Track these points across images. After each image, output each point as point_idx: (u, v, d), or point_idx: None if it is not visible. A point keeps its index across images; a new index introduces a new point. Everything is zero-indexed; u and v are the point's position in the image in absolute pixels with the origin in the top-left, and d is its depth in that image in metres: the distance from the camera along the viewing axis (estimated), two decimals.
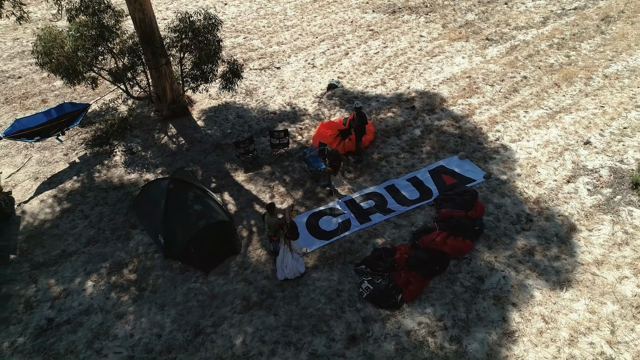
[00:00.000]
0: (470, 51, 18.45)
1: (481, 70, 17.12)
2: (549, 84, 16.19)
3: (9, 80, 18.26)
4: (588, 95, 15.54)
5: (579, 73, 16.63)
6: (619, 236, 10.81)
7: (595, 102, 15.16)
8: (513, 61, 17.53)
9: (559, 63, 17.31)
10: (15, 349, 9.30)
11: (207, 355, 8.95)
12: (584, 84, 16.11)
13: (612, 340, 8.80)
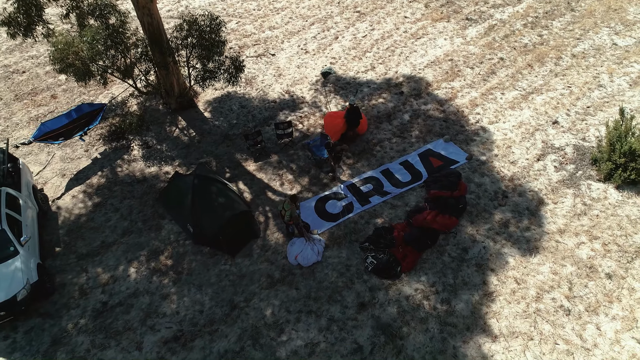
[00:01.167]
0: (452, 32, 19.77)
1: (462, 53, 18.56)
2: (523, 65, 17.81)
3: (14, 75, 18.96)
4: (557, 75, 17.24)
5: (550, 53, 18.24)
6: (579, 207, 12.88)
7: (564, 82, 16.90)
8: (491, 42, 18.99)
9: (532, 43, 18.85)
10: (79, 329, 11.05)
11: (244, 326, 10.86)
12: (554, 64, 17.77)
13: (570, 295, 11.01)
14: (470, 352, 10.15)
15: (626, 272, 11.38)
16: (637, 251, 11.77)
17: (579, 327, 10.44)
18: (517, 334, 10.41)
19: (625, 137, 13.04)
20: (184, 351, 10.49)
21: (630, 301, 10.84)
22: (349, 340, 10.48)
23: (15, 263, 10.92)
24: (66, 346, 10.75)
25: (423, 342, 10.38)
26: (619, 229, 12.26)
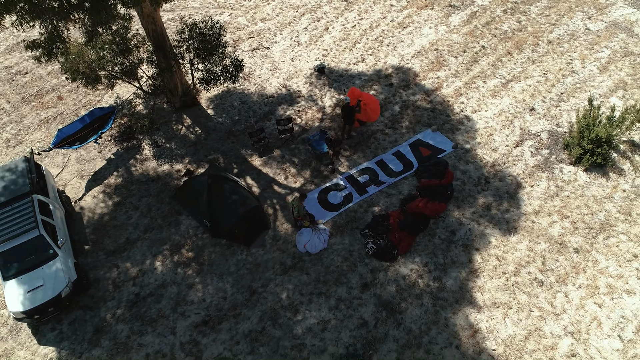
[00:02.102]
0: (436, 20, 20.79)
1: (446, 42, 19.68)
2: (503, 53, 19.06)
3: (17, 77, 19.57)
4: (534, 62, 18.57)
5: (528, 39, 19.49)
6: (552, 189, 14.55)
7: (540, 69, 18.26)
8: (473, 30, 20.11)
9: (511, 30, 20.03)
10: (117, 318, 12.52)
11: (264, 308, 12.45)
12: (531, 50, 19.05)
13: (543, 268, 12.79)
14: (459, 322, 11.94)
15: (591, 247, 13.17)
16: (600, 227, 13.54)
17: (550, 296, 12.27)
18: (498, 304, 12.21)
19: (592, 125, 14.59)
20: (213, 333, 12.08)
21: (593, 272, 12.67)
22: (356, 317, 12.17)
23: (56, 264, 12.24)
24: (108, 334, 12.25)
25: (419, 315, 12.12)
26: (586, 208, 13.99)
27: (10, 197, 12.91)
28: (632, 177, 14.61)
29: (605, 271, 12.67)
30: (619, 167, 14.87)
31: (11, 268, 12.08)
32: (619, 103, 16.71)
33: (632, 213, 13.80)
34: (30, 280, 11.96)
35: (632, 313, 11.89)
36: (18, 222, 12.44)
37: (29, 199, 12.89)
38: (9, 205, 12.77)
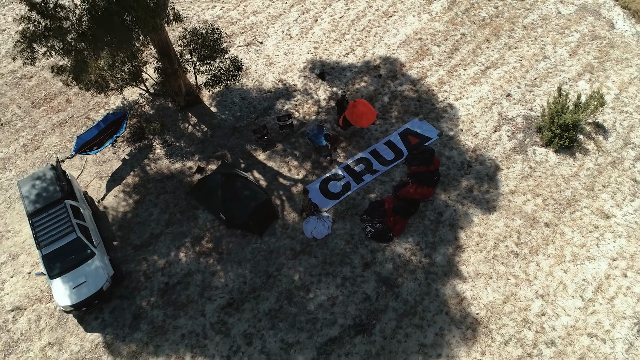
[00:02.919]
0: (419, 8, 21.97)
1: (429, 30, 20.98)
2: (482, 40, 20.49)
3: (22, 81, 20.43)
4: (511, 48, 20.08)
5: (504, 25, 20.90)
6: (526, 170, 16.46)
7: (516, 55, 19.80)
8: (453, 18, 21.40)
9: (489, 16, 21.37)
10: (152, 305, 14.32)
11: (279, 289, 14.36)
12: (508, 36, 20.51)
13: (518, 242, 14.85)
14: (448, 292, 14.02)
15: (559, 221, 15.24)
16: (567, 203, 15.58)
17: (524, 266, 14.39)
18: (480, 275, 14.30)
19: (561, 112, 16.37)
20: (237, 313, 13.99)
21: (561, 243, 14.78)
22: (360, 292, 14.17)
23: (95, 262, 13.87)
24: (145, 319, 14.08)
25: (413, 288, 14.16)
26: (555, 186, 15.97)
27: (44, 204, 14.33)
28: (596, 157, 16.57)
29: (571, 241, 14.79)
30: (585, 148, 16.80)
31: (55, 268, 13.68)
32: (586, 86, 18.47)
33: (594, 189, 15.84)
34: (74, 277, 13.60)
35: (591, 276, 14.09)
36: (56, 227, 13.94)
37: (62, 205, 14.34)
38: (44, 211, 14.22)
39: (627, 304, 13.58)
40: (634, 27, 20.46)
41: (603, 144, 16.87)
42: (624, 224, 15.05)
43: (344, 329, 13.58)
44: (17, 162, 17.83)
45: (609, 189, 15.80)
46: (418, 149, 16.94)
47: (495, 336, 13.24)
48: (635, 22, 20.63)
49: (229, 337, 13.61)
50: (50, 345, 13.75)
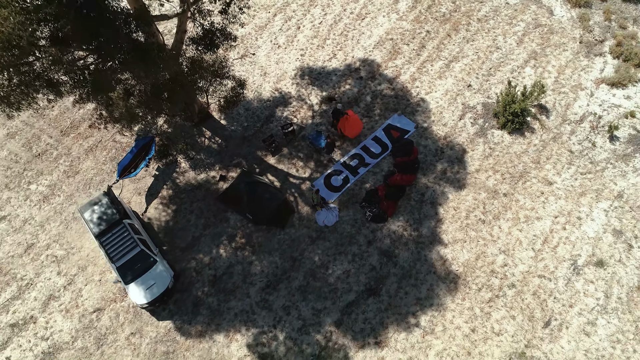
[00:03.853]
0: (387, 8, 24.95)
1: (398, 30, 24.13)
2: (444, 35, 23.83)
3: (46, 111, 22.86)
4: (468, 41, 23.54)
5: (462, 20, 24.22)
6: (487, 151, 20.50)
7: (473, 47, 23.31)
8: (418, 16, 24.54)
9: (448, 11, 24.60)
10: (206, 294, 18.16)
11: (305, 269, 18.36)
12: (465, 30, 23.91)
13: (484, 211, 19.11)
14: (434, 256, 18.32)
15: (514, 190, 19.51)
16: (520, 175, 19.81)
17: (489, 229, 18.75)
18: (457, 240, 18.60)
19: (512, 102, 20.25)
20: (275, 292, 18.01)
21: (516, 208, 19.12)
22: (367, 265, 18.33)
23: (158, 267, 17.49)
24: (203, 305, 17.96)
25: (407, 256, 18.39)
26: (510, 162, 20.14)
27: (107, 226, 17.67)
28: (540, 134, 20.71)
29: (523, 206, 19.16)
30: (532, 127, 20.88)
31: (128, 276, 17.25)
32: (531, 72, 22.31)
33: (540, 161, 20.09)
34: (144, 281, 17.23)
35: (540, 232, 18.59)
36: (122, 244, 17.40)
37: (122, 225, 17.71)
38: (109, 232, 17.59)
39: (565, 250, 18.20)
40: (570, 12, 24.13)
41: (546, 123, 20.98)
42: (562, 187, 19.46)
43: (358, 294, 17.82)
44: (63, 187, 20.79)
45: (551, 160, 20.09)
46: (400, 142, 20.69)
47: (471, 285, 17.74)
48: (571, 7, 24.26)
49: (272, 310, 17.70)
50: (132, 335, 17.59)
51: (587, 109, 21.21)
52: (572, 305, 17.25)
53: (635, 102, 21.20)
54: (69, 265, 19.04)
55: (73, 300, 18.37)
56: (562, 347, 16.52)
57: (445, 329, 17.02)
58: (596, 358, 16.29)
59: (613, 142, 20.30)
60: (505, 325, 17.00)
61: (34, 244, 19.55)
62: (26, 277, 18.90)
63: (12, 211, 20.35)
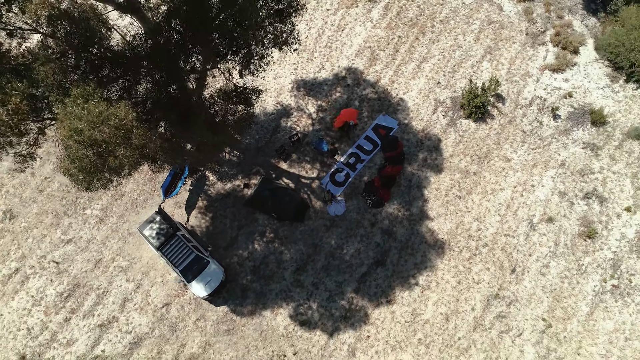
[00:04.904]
0: (363, 17, 28.76)
1: (374, 38, 28.10)
2: (413, 39, 27.96)
3: None
4: (434, 42, 27.76)
5: (427, 23, 28.30)
6: (457, 138, 25.30)
7: (439, 48, 27.57)
8: (389, 23, 28.48)
9: (415, 15, 28.58)
10: (250, 281, 22.97)
11: (325, 252, 23.25)
12: (431, 32, 28.05)
13: (459, 188, 24.14)
14: (424, 229, 23.42)
15: (481, 169, 24.51)
16: (485, 156, 24.76)
17: (464, 203, 23.84)
18: (440, 214, 23.68)
19: (474, 97, 24.87)
20: (304, 273, 22.95)
21: (484, 183, 24.20)
22: (373, 242, 23.34)
23: (212, 266, 22.13)
24: (249, 290, 22.81)
25: (403, 232, 23.44)
26: (476, 146, 25.02)
27: (164, 239, 22.06)
28: (499, 119, 25.55)
29: (489, 181, 24.23)
30: (491, 114, 25.67)
31: (189, 276, 21.85)
32: (488, 65, 26.83)
33: (500, 142, 25.03)
34: (203, 278, 21.88)
35: (503, 200, 23.78)
36: (180, 252, 21.89)
37: (177, 237, 22.14)
38: (167, 244, 22.00)
39: (524, 212, 23.50)
40: (516, 6, 28.44)
41: (502, 109, 25.78)
42: (519, 162, 24.54)
43: (369, 266, 22.91)
44: (113, 208, 24.89)
45: (508, 141, 25.06)
46: (387, 139, 25.27)
47: (455, 249, 23.00)
48: (517, 2, 28.55)
49: (304, 287, 22.71)
50: (198, 320, 22.43)
51: (535, 93, 26.05)
52: (531, 254, 22.74)
53: (572, 84, 26.12)
54: (134, 272, 23.50)
55: (144, 299, 22.98)
56: (525, 287, 22.11)
57: (438, 284, 22.38)
58: (550, 291, 21.96)
59: (556, 120, 25.33)
60: (482, 275, 22.45)
61: (101, 259, 23.86)
62: (101, 286, 23.33)
63: (76, 234, 24.44)
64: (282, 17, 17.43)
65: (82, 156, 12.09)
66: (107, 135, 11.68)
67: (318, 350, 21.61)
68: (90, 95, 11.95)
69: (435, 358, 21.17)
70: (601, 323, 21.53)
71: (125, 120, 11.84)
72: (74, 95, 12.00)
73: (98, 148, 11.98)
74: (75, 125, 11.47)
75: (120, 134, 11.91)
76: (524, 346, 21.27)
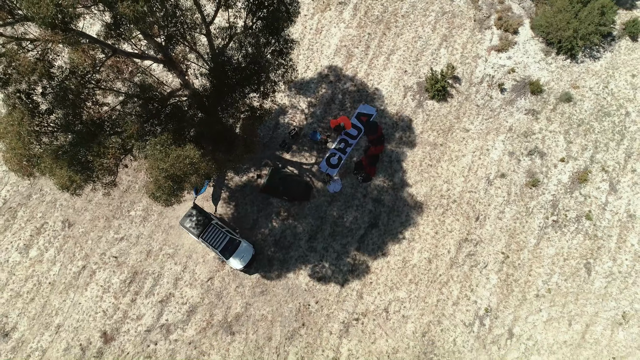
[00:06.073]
0: (336, 19, 33.56)
1: (348, 37, 33.05)
2: (381, 34, 33.00)
3: None
4: (399, 36, 32.87)
5: (391, 19, 33.28)
6: (425, 117, 31.02)
7: (403, 40, 32.72)
8: (359, 22, 33.36)
9: (380, 13, 33.48)
10: (273, 252, 29.02)
11: (329, 222, 29.30)
12: (395, 27, 33.09)
13: (431, 159, 30.13)
14: (405, 195, 29.51)
15: (446, 140, 30.42)
16: (448, 129, 30.61)
17: (435, 170, 29.88)
18: (417, 181, 29.75)
19: (435, 83, 30.39)
20: (315, 240, 29.06)
21: (449, 152, 30.18)
22: (366, 209, 29.43)
23: (243, 244, 28.05)
24: (274, 259, 28.88)
25: (389, 198, 29.53)
26: (441, 122, 30.81)
27: (203, 228, 27.79)
28: (457, 98, 31.24)
29: (453, 150, 30.21)
30: (451, 94, 31.31)
31: (227, 254, 27.75)
32: (445, 52, 32.20)
33: (459, 117, 30.85)
34: (238, 254, 27.82)
35: (466, 164, 29.87)
36: (216, 236, 27.68)
37: (212, 225, 27.88)
38: (205, 232, 27.74)
39: (482, 172, 29.68)
40: None
41: (459, 88, 31.42)
42: (475, 131, 30.49)
43: (365, 229, 29.08)
44: (153, 208, 30.34)
45: (466, 114, 30.87)
46: (368, 124, 30.86)
47: (431, 207, 29.23)
48: None
49: (317, 251, 28.88)
50: (237, 287, 28.55)
51: (484, 72, 31.69)
52: (490, 204, 29.14)
53: (514, 61, 31.78)
54: (180, 257, 29.31)
55: (191, 277, 28.94)
56: (487, 230, 28.64)
57: (420, 236, 28.77)
58: (506, 231, 28.54)
59: (503, 93, 31.15)
60: (453, 225, 28.86)
61: (151, 250, 29.56)
62: (155, 271, 29.15)
63: (126, 232, 29.97)
64: (283, 55, 22.48)
65: (165, 184, 17.48)
66: (182, 171, 17.07)
67: (334, 298, 28.07)
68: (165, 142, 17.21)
69: (423, 292, 27.83)
70: (545, 250, 28.30)
71: (195, 159, 17.21)
72: (153, 142, 17.25)
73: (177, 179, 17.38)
74: (161, 165, 16.82)
75: (192, 168, 17.30)
76: (489, 274, 28.02)
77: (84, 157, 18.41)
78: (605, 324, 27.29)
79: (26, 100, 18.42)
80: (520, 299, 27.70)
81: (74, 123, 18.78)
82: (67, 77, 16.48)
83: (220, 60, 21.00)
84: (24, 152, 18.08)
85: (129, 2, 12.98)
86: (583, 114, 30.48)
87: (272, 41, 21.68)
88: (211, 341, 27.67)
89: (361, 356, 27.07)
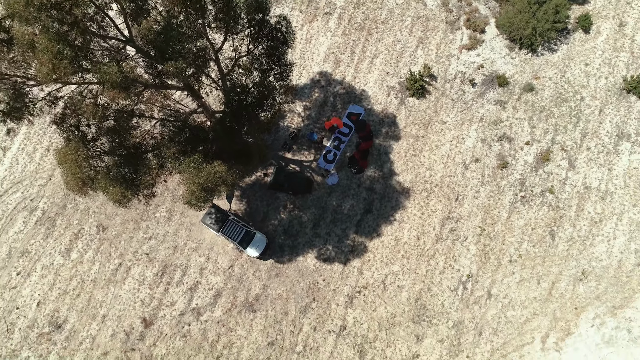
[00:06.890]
0: (323, 28, 37.45)
1: (335, 45, 37.01)
2: (364, 40, 36.99)
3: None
4: (380, 40, 36.89)
5: (372, 25, 37.24)
6: (407, 113, 35.39)
7: (384, 44, 36.76)
8: (344, 30, 37.29)
9: (362, 20, 37.39)
10: (283, 240, 33.59)
11: (330, 211, 33.86)
12: (376, 32, 37.08)
13: (414, 149, 34.63)
14: (394, 182, 34.09)
15: (426, 132, 34.87)
16: (428, 122, 35.01)
17: (418, 159, 34.41)
18: (404, 170, 34.28)
19: (414, 82, 34.62)
20: (319, 227, 33.66)
21: (430, 142, 34.64)
22: (361, 197, 34.00)
23: (257, 235, 32.58)
24: (285, 246, 33.49)
25: (381, 187, 34.09)
26: (421, 116, 35.19)
27: (222, 223, 32.23)
28: (434, 94, 35.55)
29: (433, 140, 34.66)
30: (428, 91, 35.60)
31: (244, 244, 32.28)
32: (421, 53, 36.34)
33: (437, 111, 35.23)
34: (254, 244, 32.34)
35: (444, 152, 34.39)
36: (234, 230, 32.17)
37: (229, 220, 32.33)
38: (224, 227, 32.19)
39: (459, 158, 34.24)
40: (436, 0, 37.48)
41: (436, 85, 35.70)
42: (451, 123, 34.93)
43: (361, 215, 33.69)
44: (175, 209, 34.65)
45: (443, 108, 35.27)
46: (358, 122, 35.15)
47: (416, 191, 33.84)
48: None
49: (321, 237, 33.51)
50: (254, 272, 33.19)
51: (457, 69, 35.96)
52: (467, 185, 33.83)
53: (482, 57, 36.05)
54: (203, 249, 33.80)
55: (214, 266, 33.50)
56: (465, 208, 33.39)
57: (409, 217, 33.48)
58: (482, 208, 33.31)
59: (474, 87, 35.51)
60: (437, 205, 33.59)
61: (177, 245, 33.99)
62: (183, 264, 33.66)
63: (153, 232, 34.33)
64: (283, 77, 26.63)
65: (200, 195, 21.81)
66: (213, 183, 21.39)
67: (338, 275, 32.84)
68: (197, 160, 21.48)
69: (414, 265, 32.69)
70: (516, 222, 33.16)
71: (223, 173, 21.51)
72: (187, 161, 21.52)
73: (209, 190, 21.70)
74: (196, 180, 21.13)
75: (222, 180, 21.61)
76: (469, 246, 32.89)
77: (130, 176, 22.69)
78: (568, 280, 32.35)
79: (77, 132, 22.59)
80: (496, 264, 32.63)
81: (118, 147, 22.99)
82: (118, 115, 20.63)
83: (232, 84, 25.07)
84: (81, 175, 22.29)
85: (172, 61, 17.15)
86: (544, 101, 34.99)
87: (274, 67, 25.75)
88: (236, 319, 32.43)
89: (364, 322, 31.99)
